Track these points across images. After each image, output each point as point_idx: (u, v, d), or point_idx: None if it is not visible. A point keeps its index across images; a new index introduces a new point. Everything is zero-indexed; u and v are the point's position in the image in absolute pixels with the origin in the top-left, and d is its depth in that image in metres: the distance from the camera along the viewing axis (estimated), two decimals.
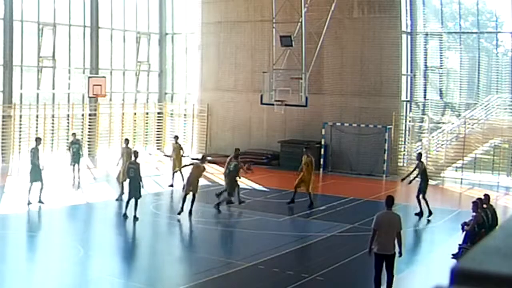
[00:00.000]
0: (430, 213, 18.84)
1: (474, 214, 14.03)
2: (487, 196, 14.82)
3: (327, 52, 28.38)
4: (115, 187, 21.11)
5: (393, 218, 11.47)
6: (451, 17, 28.75)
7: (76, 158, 22.83)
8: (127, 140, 22.26)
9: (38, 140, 19.74)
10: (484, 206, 14.24)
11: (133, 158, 17.73)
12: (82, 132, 29.58)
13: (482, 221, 13.73)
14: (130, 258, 14.44)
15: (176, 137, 23.97)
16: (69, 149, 23.32)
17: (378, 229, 11.23)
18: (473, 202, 14.25)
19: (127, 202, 17.25)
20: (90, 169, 26.88)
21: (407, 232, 16.26)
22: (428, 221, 18.70)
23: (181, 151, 23.51)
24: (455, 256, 13.71)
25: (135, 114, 32.48)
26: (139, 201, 17.08)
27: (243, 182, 21.50)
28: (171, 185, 22.74)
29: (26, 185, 18.75)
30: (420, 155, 20.56)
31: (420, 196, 18.95)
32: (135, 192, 17.07)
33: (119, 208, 18.69)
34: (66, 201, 19.72)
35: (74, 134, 24.39)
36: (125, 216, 17.21)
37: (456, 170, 26.91)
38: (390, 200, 11.72)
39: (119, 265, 13.73)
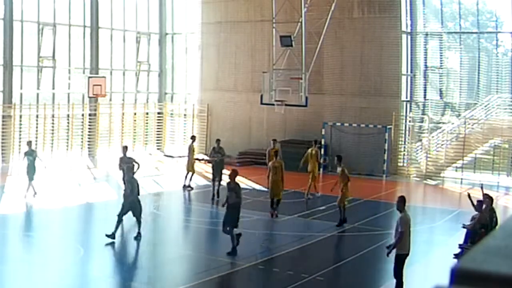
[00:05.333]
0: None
1: (476, 213, 13.94)
2: (490, 199, 14.67)
3: (327, 52, 28.38)
4: (116, 187, 21.06)
5: (409, 219, 11.55)
6: (451, 17, 28.74)
7: (30, 171, 19.37)
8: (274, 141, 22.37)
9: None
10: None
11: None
12: (82, 132, 29.61)
13: (485, 221, 13.62)
14: (130, 258, 14.44)
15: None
16: (22, 160, 20.07)
17: (406, 230, 11.20)
18: (478, 201, 14.15)
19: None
20: (90, 169, 26.90)
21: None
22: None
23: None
24: (456, 256, 13.67)
25: (135, 114, 32.48)
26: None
27: (243, 182, 21.44)
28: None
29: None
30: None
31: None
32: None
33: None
34: (66, 201, 19.73)
35: (29, 143, 20.58)
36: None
37: (456, 170, 26.92)
38: (404, 201, 11.60)
39: (119, 265, 13.73)
